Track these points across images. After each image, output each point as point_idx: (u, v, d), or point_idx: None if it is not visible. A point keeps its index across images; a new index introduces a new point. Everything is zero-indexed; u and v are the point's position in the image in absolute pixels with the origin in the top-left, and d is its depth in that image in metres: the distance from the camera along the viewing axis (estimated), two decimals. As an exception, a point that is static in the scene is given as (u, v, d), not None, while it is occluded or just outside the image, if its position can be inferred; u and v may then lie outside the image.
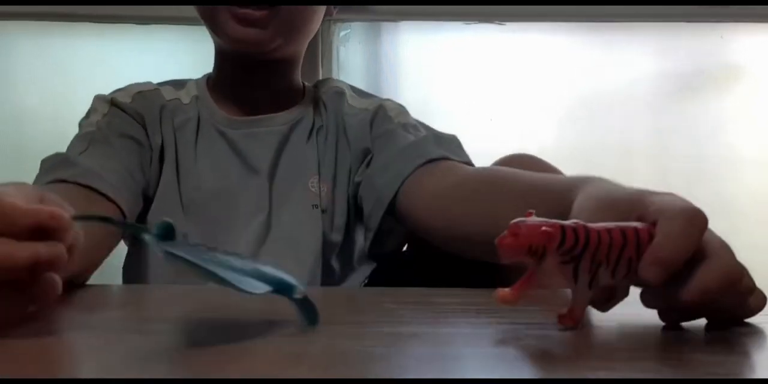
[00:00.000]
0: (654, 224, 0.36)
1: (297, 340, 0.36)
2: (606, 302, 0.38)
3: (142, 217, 0.72)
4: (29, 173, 0.64)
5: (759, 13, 1.41)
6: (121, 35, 1.40)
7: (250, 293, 0.35)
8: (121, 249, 0.75)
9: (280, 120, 0.76)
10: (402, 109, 0.78)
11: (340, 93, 0.79)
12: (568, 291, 0.37)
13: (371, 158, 0.73)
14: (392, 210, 0.68)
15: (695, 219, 0.36)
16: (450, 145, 0.70)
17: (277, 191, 0.74)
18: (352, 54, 1.43)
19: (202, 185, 0.73)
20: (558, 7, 1.40)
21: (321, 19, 0.76)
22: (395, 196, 0.67)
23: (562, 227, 0.35)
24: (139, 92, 0.75)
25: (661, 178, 1.47)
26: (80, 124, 0.73)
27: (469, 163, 0.69)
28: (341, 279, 0.75)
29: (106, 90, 0.76)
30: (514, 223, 0.35)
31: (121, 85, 0.77)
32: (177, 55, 1.37)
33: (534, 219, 0.36)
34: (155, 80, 0.80)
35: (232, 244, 0.71)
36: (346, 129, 0.77)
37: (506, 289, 0.36)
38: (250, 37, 0.69)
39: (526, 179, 0.56)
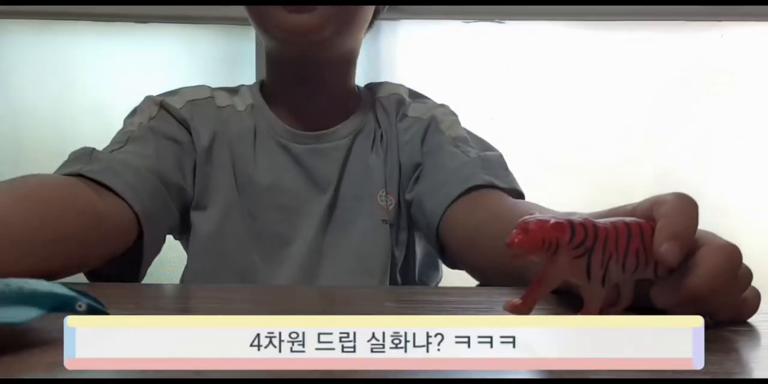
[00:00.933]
0: (652, 220, 0.37)
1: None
2: (609, 307, 0.38)
3: (185, 217, 0.71)
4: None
5: (759, 13, 1.42)
6: (121, 34, 1.40)
7: (17, 323, 0.30)
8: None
9: (343, 132, 0.75)
10: (454, 119, 0.76)
11: (400, 101, 0.78)
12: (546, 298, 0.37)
13: (419, 174, 0.72)
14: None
15: (687, 200, 0.37)
16: (496, 168, 0.68)
17: (342, 206, 0.73)
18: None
19: (265, 201, 0.72)
20: (557, 6, 1.40)
21: (372, 11, 0.75)
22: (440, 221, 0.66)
23: (570, 221, 0.34)
24: (192, 100, 0.74)
25: (661, 177, 1.47)
26: (124, 121, 0.72)
27: (515, 189, 0.67)
28: None
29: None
30: (522, 220, 0.34)
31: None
32: (177, 54, 1.37)
33: (540, 215, 0.35)
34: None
35: (290, 261, 0.70)
36: (399, 140, 0.75)
37: (516, 299, 0.35)
38: (300, 24, 0.67)
39: None
